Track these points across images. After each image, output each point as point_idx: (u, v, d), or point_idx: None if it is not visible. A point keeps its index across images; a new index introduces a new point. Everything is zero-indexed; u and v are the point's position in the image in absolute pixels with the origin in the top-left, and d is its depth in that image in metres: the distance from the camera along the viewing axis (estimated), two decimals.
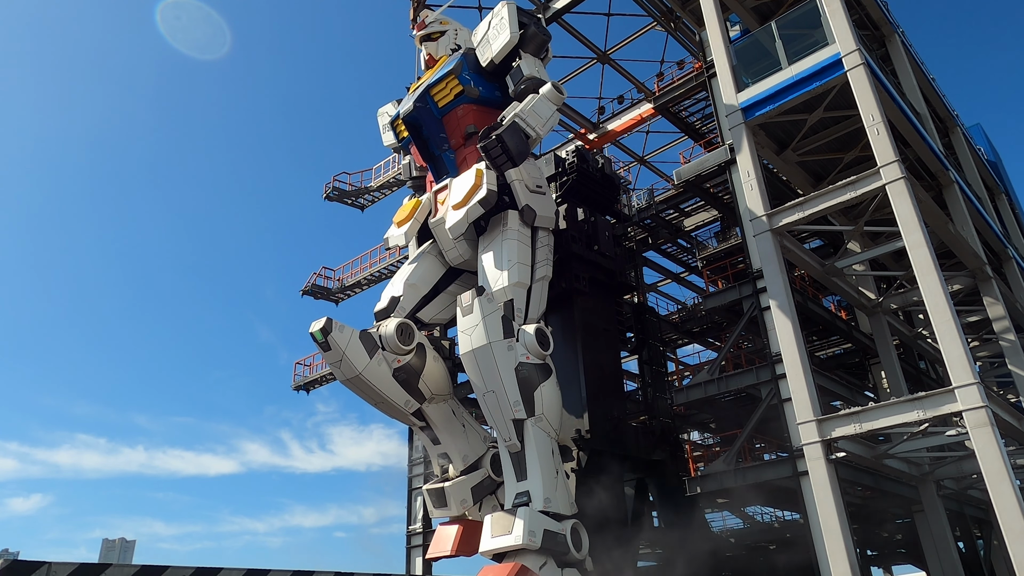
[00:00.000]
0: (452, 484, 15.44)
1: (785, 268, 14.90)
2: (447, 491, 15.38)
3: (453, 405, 16.11)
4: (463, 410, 16.56)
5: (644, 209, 23.74)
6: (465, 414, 16.49)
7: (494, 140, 14.93)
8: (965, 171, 22.05)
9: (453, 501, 15.34)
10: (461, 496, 15.39)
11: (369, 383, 14.56)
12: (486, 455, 15.99)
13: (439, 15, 19.02)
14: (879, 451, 15.08)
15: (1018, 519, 10.94)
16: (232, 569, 8.56)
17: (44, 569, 7.34)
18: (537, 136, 15.47)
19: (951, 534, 17.79)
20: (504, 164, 15.16)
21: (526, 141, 15.29)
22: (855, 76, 14.37)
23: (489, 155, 15.07)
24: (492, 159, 15.09)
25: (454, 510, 15.35)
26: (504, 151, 14.94)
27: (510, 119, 15.32)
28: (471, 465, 15.79)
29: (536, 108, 15.54)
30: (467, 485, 15.51)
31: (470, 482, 15.56)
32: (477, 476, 15.69)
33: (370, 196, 29.29)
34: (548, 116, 15.67)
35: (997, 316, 17.76)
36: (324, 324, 14.24)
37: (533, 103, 15.59)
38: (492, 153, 14.99)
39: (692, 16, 20.30)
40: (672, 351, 31.75)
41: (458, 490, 15.41)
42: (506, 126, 15.17)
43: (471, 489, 15.53)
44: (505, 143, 14.90)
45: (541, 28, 17.16)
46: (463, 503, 15.37)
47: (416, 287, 16.21)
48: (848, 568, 12.25)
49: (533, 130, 15.34)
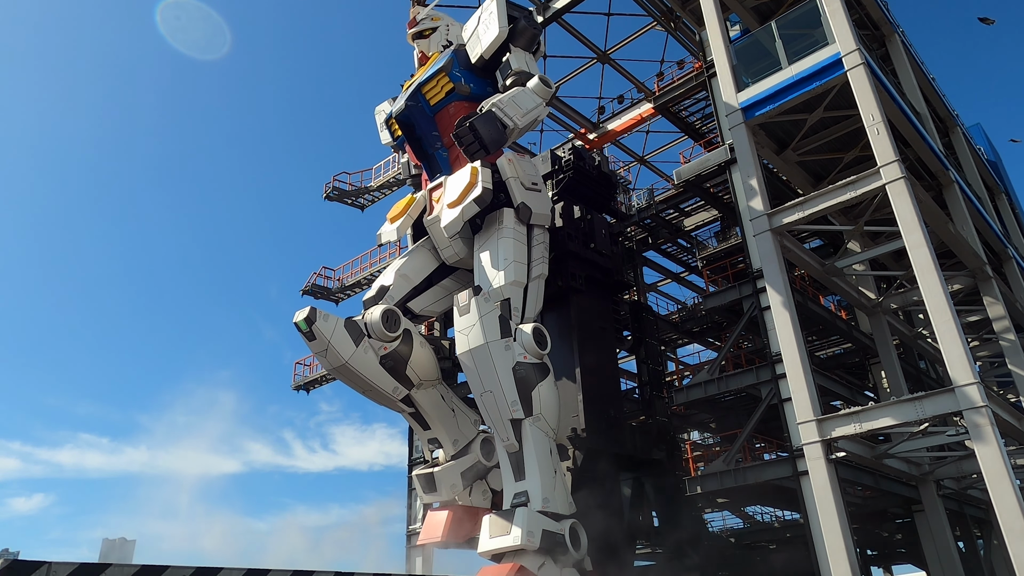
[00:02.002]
0: (442, 469, 15.39)
1: (785, 268, 14.87)
2: (437, 476, 15.34)
3: (442, 390, 16.07)
4: (452, 395, 16.48)
5: (644, 209, 23.71)
6: (455, 398, 16.44)
7: (466, 128, 14.54)
8: (965, 171, 22.03)
9: (443, 486, 15.30)
10: (451, 481, 15.35)
11: (356, 371, 14.50)
12: (476, 439, 15.97)
13: (430, 11, 18.88)
14: (879, 451, 15.07)
15: (1018, 519, 10.92)
16: (232, 569, 8.53)
17: (44, 569, 7.31)
18: (515, 126, 14.98)
19: (951, 534, 17.77)
20: (476, 153, 14.72)
21: (502, 131, 14.82)
22: (855, 76, 14.35)
23: (460, 142, 14.70)
24: (464, 147, 14.72)
25: (444, 495, 15.30)
26: (476, 139, 14.48)
27: (486, 108, 15.00)
28: (461, 450, 15.77)
29: (516, 99, 15.20)
30: (457, 470, 15.49)
31: (460, 467, 15.55)
32: (467, 461, 15.69)
33: (370, 196, 29.27)
34: (530, 108, 15.29)
35: (997, 316, 17.75)
36: (308, 314, 14.16)
37: (514, 94, 15.28)
38: (464, 141, 14.60)
39: (692, 16, 20.27)
40: (672, 351, 31.75)
41: (448, 475, 15.36)
42: (481, 115, 14.86)
43: (461, 474, 15.52)
44: (477, 131, 14.46)
45: (531, 22, 16.93)
46: (453, 488, 15.33)
47: (407, 277, 16.14)
48: (848, 568, 12.24)
49: (511, 120, 14.89)
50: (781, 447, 21.81)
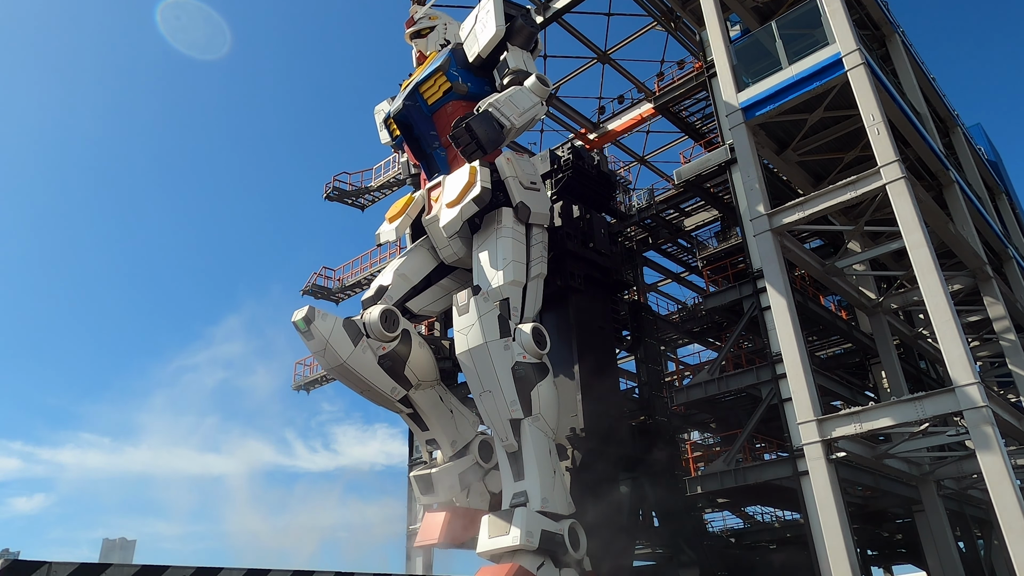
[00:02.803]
0: (439, 470, 15.37)
1: (785, 268, 14.87)
2: (434, 477, 15.31)
3: (440, 391, 16.03)
4: (451, 396, 16.44)
5: (644, 209, 23.69)
6: (453, 400, 16.40)
7: (462, 128, 14.44)
8: (965, 171, 22.02)
9: (440, 487, 15.27)
10: (448, 482, 15.32)
11: (354, 371, 14.48)
12: (474, 441, 15.95)
13: (428, 10, 18.79)
14: (879, 451, 15.06)
15: (1018, 519, 10.92)
16: (232, 569, 8.53)
17: (44, 569, 7.31)
18: (511, 126, 14.85)
19: (951, 534, 17.76)
20: (473, 153, 14.57)
21: (499, 131, 14.69)
22: (855, 76, 14.35)
23: (457, 143, 14.59)
24: (460, 147, 14.60)
25: (441, 496, 15.28)
26: (473, 139, 14.36)
27: (483, 108, 14.91)
28: (459, 452, 15.74)
29: (513, 98, 15.08)
30: (454, 471, 15.47)
31: (457, 468, 15.52)
32: (465, 462, 15.67)
33: (370, 196, 29.26)
34: (527, 107, 15.17)
35: (997, 316, 17.74)
36: (306, 313, 14.16)
37: (511, 93, 15.16)
38: (460, 141, 14.49)
39: (692, 16, 20.26)
40: (672, 351, 31.75)
41: (445, 476, 15.33)
42: (477, 115, 14.77)
43: (459, 475, 15.49)
44: (473, 131, 14.34)
45: (528, 20, 16.84)
46: (450, 489, 15.31)
47: (406, 277, 16.11)
48: (848, 568, 12.23)
49: (508, 120, 14.76)
50: (781, 447, 21.79)
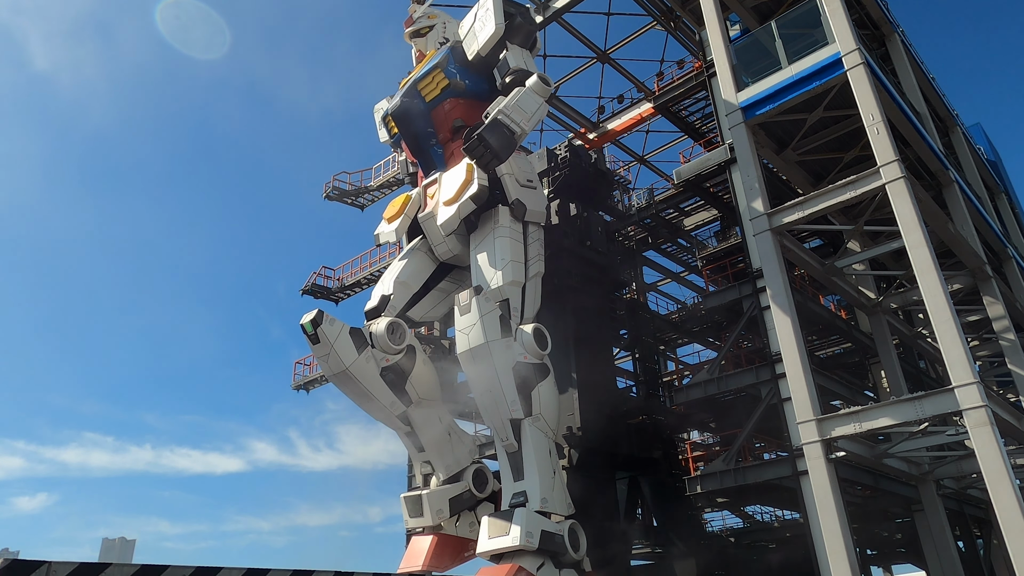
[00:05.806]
0: (431, 492, 15.07)
1: (785, 267, 14.88)
2: (424, 498, 14.99)
3: (441, 412, 15.76)
4: (451, 419, 16.18)
5: (644, 208, 23.70)
6: (453, 423, 16.14)
7: (476, 140, 14.43)
8: (965, 171, 22.03)
9: (430, 510, 14.93)
10: (438, 506, 14.99)
11: (356, 379, 14.33)
12: (468, 468, 15.65)
13: (427, 9, 18.72)
14: (879, 451, 15.07)
15: (1018, 518, 10.92)
16: (232, 568, 8.51)
17: (44, 568, 7.29)
18: (523, 131, 14.86)
19: (951, 533, 17.77)
20: (490, 163, 14.61)
21: (511, 137, 14.68)
22: (855, 75, 14.35)
23: (472, 154, 14.59)
24: (476, 159, 14.62)
25: (429, 520, 14.93)
26: (487, 149, 14.38)
27: (493, 116, 14.83)
28: (453, 476, 15.46)
29: (521, 103, 14.99)
30: (446, 496, 15.15)
31: (449, 493, 15.22)
32: (457, 488, 15.36)
33: (370, 195, 29.23)
34: (534, 110, 15.10)
35: (997, 316, 17.74)
36: (315, 316, 14.07)
37: (518, 98, 15.05)
38: (475, 153, 14.49)
39: (692, 16, 20.26)
40: (672, 351, 31.74)
41: (436, 499, 15.01)
42: (488, 124, 14.70)
43: (450, 500, 15.16)
44: (487, 141, 14.36)
45: (528, 18, 16.77)
46: (439, 513, 14.97)
47: (407, 284, 15.98)
48: (848, 567, 12.23)
49: (518, 126, 14.72)
50: (781, 447, 21.79)
